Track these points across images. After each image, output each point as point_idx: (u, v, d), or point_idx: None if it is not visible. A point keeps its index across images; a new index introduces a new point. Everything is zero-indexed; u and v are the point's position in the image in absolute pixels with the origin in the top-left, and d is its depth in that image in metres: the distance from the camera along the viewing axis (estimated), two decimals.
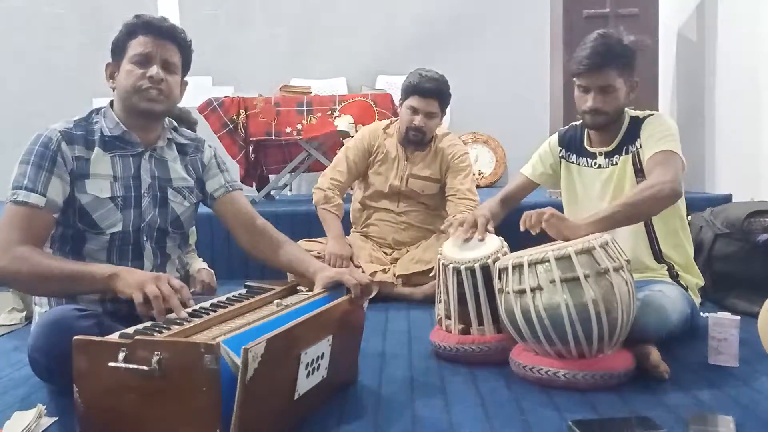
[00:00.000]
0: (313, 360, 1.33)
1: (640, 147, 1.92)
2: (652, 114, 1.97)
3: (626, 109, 1.99)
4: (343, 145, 3.21)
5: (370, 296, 1.60)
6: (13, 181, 1.54)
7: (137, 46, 1.61)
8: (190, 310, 1.39)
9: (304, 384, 1.32)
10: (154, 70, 1.60)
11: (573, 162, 2.09)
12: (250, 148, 3.76)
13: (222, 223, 1.83)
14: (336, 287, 1.58)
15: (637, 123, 1.96)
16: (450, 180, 2.73)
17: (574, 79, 1.96)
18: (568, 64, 2.04)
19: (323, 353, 1.37)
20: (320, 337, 1.35)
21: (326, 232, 2.72)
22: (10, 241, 1.48)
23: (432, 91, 2.63)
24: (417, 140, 2.70)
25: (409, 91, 2.66)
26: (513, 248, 1.80)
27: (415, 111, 2.65)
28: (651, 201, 1.77)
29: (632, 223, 1.82)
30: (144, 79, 1.59)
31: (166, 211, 1.70)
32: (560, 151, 2.12)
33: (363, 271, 2.55)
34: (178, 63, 1.67)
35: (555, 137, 2.16)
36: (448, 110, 2.85)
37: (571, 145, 2.10)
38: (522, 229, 1.76)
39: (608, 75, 1.88)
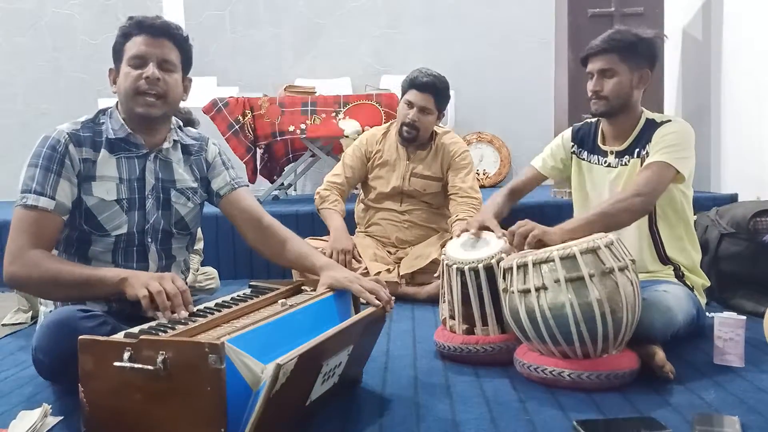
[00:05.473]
0: (331, 369, 1.33)
1: (649, 151, 1.90)
2: (669, 120, 1.94)
3: (644, 110, 1.98)
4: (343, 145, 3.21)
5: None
6: (21, 185, 1.53)
7: (132, 47, 1.59)
8: (194, 309, 1.40)
9: (318, 390, 1.32)
10: (150, 69, 1.57)
11: (584, 159, 2.08)
12: (257, 148, 3.77)
13: (229, 220, 1.82)
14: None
15: (652, 126, 1.93)
16: (452, 178, 2.73)
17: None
18: (574, 62, 2.04)
19: (341, 362, 1.37)
20: (343, 348, 1.35)
21: (327, 226, 2.74)
22: (21, 246, 1.48)
23: (428, 86, 2.63)
24: (410, 137, 2.70)
25: (406, 85, 2.70)
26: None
27: (410, 105, 2.66)
28: (623, 213, 1.80)
29: (608, 231, 1.75)
30: (141, 80, 1.57)
31: (170, 212, 1.69)
32: (572, 146, 2.11)
33: (366, 269, 2.56)
34: (176, 61, 1.63)
35: (568, 132, 2.14)
36: (452, 109, 2.85)
37: (584, 141, 2.08)
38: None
39: (609, 58, 1.90)
